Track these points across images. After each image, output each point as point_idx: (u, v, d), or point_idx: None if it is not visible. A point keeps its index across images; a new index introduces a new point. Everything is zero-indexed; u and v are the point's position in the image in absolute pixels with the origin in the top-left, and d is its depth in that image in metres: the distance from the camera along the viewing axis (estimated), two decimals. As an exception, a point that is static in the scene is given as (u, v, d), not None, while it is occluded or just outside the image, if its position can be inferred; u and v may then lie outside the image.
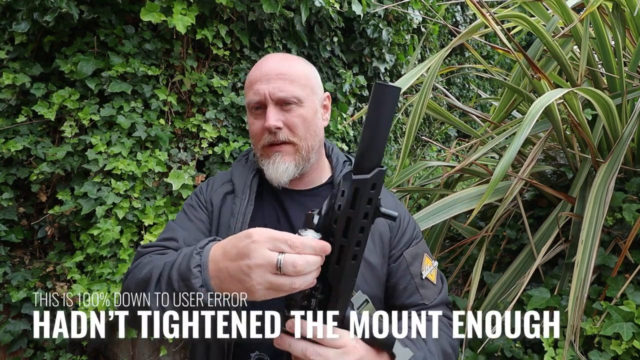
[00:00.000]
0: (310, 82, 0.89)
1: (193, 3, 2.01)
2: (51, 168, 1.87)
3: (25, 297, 1.86)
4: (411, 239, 0.92)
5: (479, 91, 3.38)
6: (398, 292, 0.88)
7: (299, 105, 0.85)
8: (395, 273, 0.88)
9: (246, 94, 0.89)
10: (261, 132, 0.85)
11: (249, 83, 0.88)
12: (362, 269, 0.83)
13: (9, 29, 1.79)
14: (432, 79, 1.51)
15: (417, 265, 0.89)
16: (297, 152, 0.86)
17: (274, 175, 0.85)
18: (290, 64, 0.88)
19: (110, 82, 1.93)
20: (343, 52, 3.06)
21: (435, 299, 0.89)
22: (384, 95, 0.54)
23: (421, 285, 0.88)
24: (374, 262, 0.86)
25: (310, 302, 0.63)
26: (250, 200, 0.88)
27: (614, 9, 1.51)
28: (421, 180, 2.26)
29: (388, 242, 0.89)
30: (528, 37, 4.70)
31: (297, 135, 0.85)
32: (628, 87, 1.52)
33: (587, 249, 1.22)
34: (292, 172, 0.86)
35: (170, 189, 2.05)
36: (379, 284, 0.87)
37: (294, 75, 0.86)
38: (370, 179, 0.55)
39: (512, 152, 1.14)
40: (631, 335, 1.17)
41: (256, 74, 0.87)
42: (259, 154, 0.88)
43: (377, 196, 0.57)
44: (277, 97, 0.83)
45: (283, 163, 0.85)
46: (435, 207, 1.47)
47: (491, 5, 2.22)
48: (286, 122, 0.84)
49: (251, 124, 0.89)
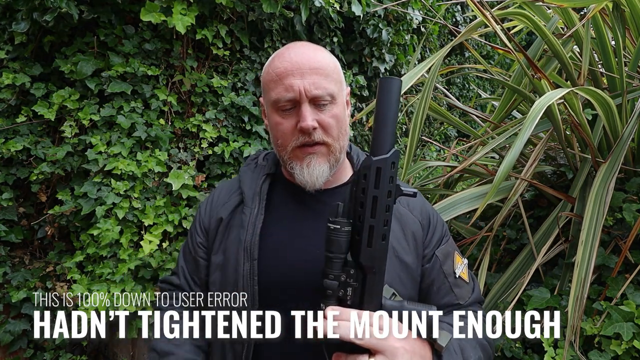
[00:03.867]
0: (340, 76, 0.83)
1: (193, 3, 2.01)
2: (51, 168, 1.87)
3: (25, 297, 1.86)
4: (442, 236, 0.89)
5: (479, 91, 3.38)
6: (432, 292, 0.85)
7: (333, 103, 0.79)
8: (430, 273, 0.85)
9: (270, 89, 0.79)
10: (292, 133, 0.78)
11: (277, 76, 0.77)
12: (399, 270, 0.81)
13: (9, 29, 1.79)
14: (433, 79, 1.51)
15: (449, 263, 0.86)
16: (330, 153, 0.80)
17: (309, 179, 0.79)
18: (322, 55, 0.80)
19: (110, 82, 1.93)
20: (343, 52, 3.06)
21: (470, 298, 0.87)
22: (389, 86, 0.62)
23: (455, 285, 0.85)
24: (410, 261, 0.82)
25: (347, 290, 0.63)
26: (260, 210, 0.83)
27: (614, 9, 1.51)
28: (421, 180, 2.26)
29: (421, 240, 0.86)
30: (528, 37, 4.70)
31: (331, 136, 0.79)
32: (628, 87, 1.52)
33: (587, 249, 1.22)
34: (326, 175, 0.80)
35: (170, 189, 2.05)
36: (414, 284, 0.84)
37: (328, 69, 0.78)
38: (390, 158, 0.61)
39: (515, 153, 1.14)
40: (631, 335, 1.17)
41: (285, 65, 0.77)
42: (287, 157, 0.81)
43: (396, 174, 0.62)
44: (313, 95, 0.76)
45: (318, 166, 0.79)
46: (437, 208, 1.47)
47: (491, 5, 2.22)
48: (321, 122, 0.77)
49: (278, 123, 0.79)
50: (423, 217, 0.88)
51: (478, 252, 1.69)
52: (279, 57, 0.79)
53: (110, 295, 1.83)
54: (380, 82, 0.63)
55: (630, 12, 1.49)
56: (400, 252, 0.82)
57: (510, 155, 1.14)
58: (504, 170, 1.14)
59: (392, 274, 0.78)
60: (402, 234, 0.84)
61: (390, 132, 0.62)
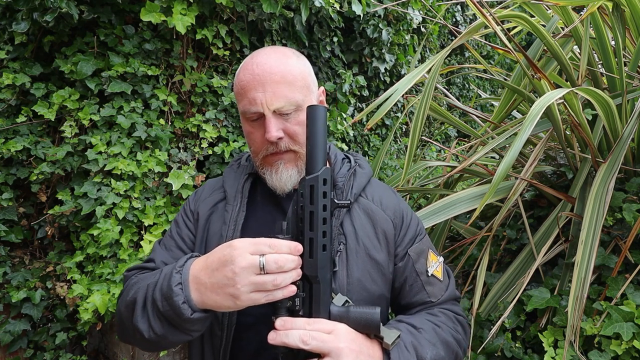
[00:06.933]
0: (307, 81, 0.84)
1: (193, 3, 2.01)
2: (51, 168, 1.87)
3: (25, 297, 1.86)
4: (415, 235, 0.91)
5: (479, 91, 3.38)
6: (405, 291, 0.87)
7: (298, 110, 0.81)
8: (403, 272, 0.87)
9: (239, 100, 0.83)
10: (262, 142, 0.82)
11: (241, 89, 0.81)
12: (369, 267, 0.83)
13: (9, 29, 1.79)
14: (433, 80, 1.51)
15: (422, 262, 0.88)
16: (299, 159, 0.84)
17: (277, 184, 0.84)
18: (285, 62, 0.80)
19: (110, 82, 1.93)
20: (343, 52, 3.06)
21: (443, 296, 0.88)
22: (315, 113, 0.70)
23: (427, 283, 0.87)
24: (380, 259, 0.84)
25: (295, 301, 0.67)
26: (242, 207, 0.86)
27: (614, 9, 1.51)
28: (421, 180, 2.26)
29: (393, 239, 0.87)
30: (528, 37, 4.71)
31: (297, 143, 0.82)
32: (628, 87, 1.52)
33: (587, 249, 1.22)
34: (295, 179, 0.84)
35: (170, 189, 2.05)
36: (386, 282, 0.86)
37: (290, 76, 0.79)
38: (321, 175, 0.68)
39: (514, 153, 1.14)
40: (631, 335, 1.17)
41: (247, 78, 0.80)
42: (258, 163, 0.86)
43: (329, 190, 0.68)
44: (275, 107, 0.78)
45: (286, 171, 0.83)
46: (436, 207, 1.47)
47: (491, 5, 2.22)
48: (286, 131, 0.81)
49: (249, 132, 0.84)
50: (396, 216, 0.90)
51: (478, 252, 1.69)
52: (244, 68, 0.82)
53: (110, 295, 1.83)
54: (308, 110, 0.70)
55: (630, 12, 1.49)
56: (371, 249, 0.84)
57: (509, 155, 1.14)
58: (503, 169, 1.14)
59: (362, 271, 0.81)
60: (373, 232, 0.86)
61: (320, 153, 0.69)
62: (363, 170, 0.91)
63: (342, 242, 0.81)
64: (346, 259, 0.81)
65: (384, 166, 3.53)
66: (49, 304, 1.93)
